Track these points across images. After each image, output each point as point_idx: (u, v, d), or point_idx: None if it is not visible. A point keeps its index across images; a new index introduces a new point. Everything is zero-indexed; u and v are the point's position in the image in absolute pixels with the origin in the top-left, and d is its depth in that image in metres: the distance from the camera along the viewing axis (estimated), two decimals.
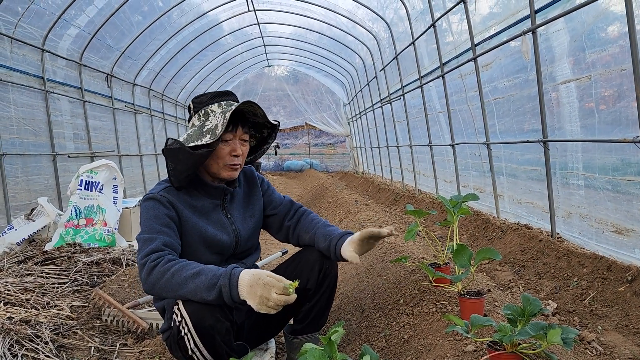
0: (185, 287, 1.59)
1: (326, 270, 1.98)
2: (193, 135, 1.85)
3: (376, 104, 10.82)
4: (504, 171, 4.98)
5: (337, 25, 10.49)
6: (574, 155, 3.71)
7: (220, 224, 1.93)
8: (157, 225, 1.74)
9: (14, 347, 2.32)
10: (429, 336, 1.92)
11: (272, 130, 2.08)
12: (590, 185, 3.53)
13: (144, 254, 1.67)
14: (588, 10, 3.27)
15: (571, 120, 3.69)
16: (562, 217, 3.90)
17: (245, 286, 1.57)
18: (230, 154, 1.89)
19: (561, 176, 3.88)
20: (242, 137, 1.92)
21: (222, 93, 1.92)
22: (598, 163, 3.42)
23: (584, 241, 3.61)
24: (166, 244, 1.71)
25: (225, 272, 1.60)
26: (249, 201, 2.10)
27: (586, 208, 3.60)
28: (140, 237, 1.74)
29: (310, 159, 19.66)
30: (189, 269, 1.62)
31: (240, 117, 1.91)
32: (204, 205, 1.91)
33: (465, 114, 5.69)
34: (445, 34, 6.27)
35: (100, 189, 4.75)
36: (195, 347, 1.63)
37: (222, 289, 1.57)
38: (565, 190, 3.84)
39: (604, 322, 2.56)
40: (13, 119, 5.54)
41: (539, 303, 1.40)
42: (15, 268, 3.71)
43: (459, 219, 2.18)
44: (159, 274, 1.61)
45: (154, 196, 1.82)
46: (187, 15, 9.15)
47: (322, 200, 8.04)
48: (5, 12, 5.40)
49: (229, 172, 1.91)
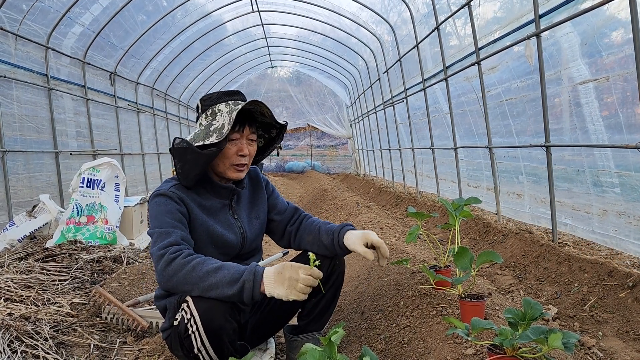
0: (206, 281, 1.58)
1: (334, 266, 1.98)
2: (200, 134, 1.84)
3: (379, 106, 10.83)
4: (522, 170, 4.90)
5: (341, 27, 10.51)
6: (602, 153, 3.66)
7: (227, 224, 1.93)
8: (170, 219, 1.73)
9: (14, 343, 2.32)
10: (429, 339, 1.92)
11: (280, 130, 2.08)
12: (626, 184, 3.46)
13: (161, 245, 1.65)
14: (596, 13, 3.27)
15: (593, 121, 3.66)
16: (596, 215, 3.83)
17: (272, 276, 1.57)
18: (237, 154, 1.88)
19: (591, 174, 3.82)
20: (250, 137, 1.92)
21: (229, 92, 1.91)
22: (632, 161, 3.35)
23: (620, 239, 3.53)
24: (184, 238, 1.70)
25: (250, 269, 1.60)
26: (254, 202, 2.10)
27: (623, 205, 3.52)
28: (154, 230, 1.72)
29: (312, 160, 19.69)
30: (210, 263, 1.61)
31: (247, 116, 1.90)
32: (213, 205, 1.91)
33: (476, 115, 5.67)
34: (449, 38, 6.28)
35: (102, 186, 4.75)
36: (202, 346, 1.62)
37: (246, 284, 1.56)
38: (598, 188, 3.78)
39: (604, 327, 2.55)
40: (16, 116, 5.56)
41: (540, 307, 1.39)
42: (16, 264, 3.72)
43: (461, 222, 2.18)
44: (179, 266, 1.60)
45: (165, 192, 1.80)
46: (191, 15, 9.17)
47: (324, 201, 8.04)
48: (10, 9, 5.42)
49: (235, 172, 1.91)
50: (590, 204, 3.85)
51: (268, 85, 18.34)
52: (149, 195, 7.64)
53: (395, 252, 3.26)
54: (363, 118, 13.64)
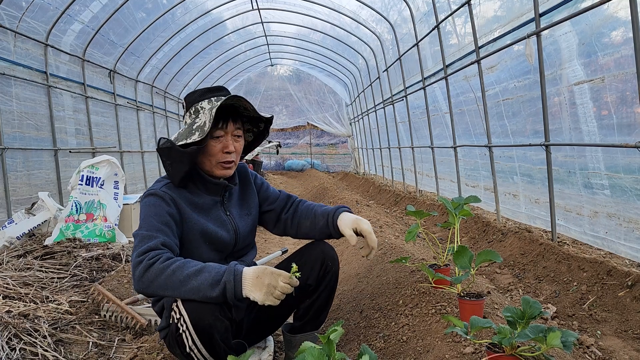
0: (187, 285, 1.57)
1: (327, 267, 1.98)
2: (183, 133, 1.83)
3: (378, 104, 10.82)
4: (517, 171, 4.92)
5: (341, 25, 10.49)
6: (593, 155, 3.67)
7: (220, 221, 1.92)
8: (156, 222, 1.72)
9: (12, 341, 2.32)
10: (427, 337, 1.92)
11: (268, 123, 2.06)
12: (616, 185, 3.47)
13: (140, 251, 1.64)
14: (596, 12, 3.26)
15: (587, 121, 3.66)
16: (587, 217, 3.84)
17: (250, 279, 1.57)
18: (223, 151, 1.86)
19: (582, 176, 3.83)
20: (235, 132, 1.89)
21: (213, 89, 1.89)
22: (622, 163, 3.36)
23: (611, 241, 3.55)
24: (164, 243, 1.68)
25: (229, 269, 1.59)
26: (244, 199, 2.09)
27: (613, 207, 3.53)
28: (138, 233, 1.71)
29: (311, 158, 19.68)
30: (190, 266, 1.60)
31: (231, 112, 1.88)
32: (204, 202, 1.90)
33: (474, 114, 5.67)
34: (449, 36, 6.27)
35: (101, 184, 4.75)
36: (194, 344, 1.63)
37: (227, 285, 1.56)
38: (589, 190, 3.78)
39: (603, 326, 2.55)
40: (15, 113, 5.55)
41: (539, 306, 1.39)
42: (14, 262, 3.71)
43: (460, 221, 2.18)
44: (157, 272, 1.58)
45: (156, 192, 1.79)
46: (190, 13, 9.15)
47: (323, 200, 8.04)
48: (9, 7, 5.40)
49: (222, 169, 1.89)
50: (582, 206, 3.86)
51: (268, 83, 18.33)
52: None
53: (395, 251, 3.26)
54: (363, 116, 13.63)
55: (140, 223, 1.75)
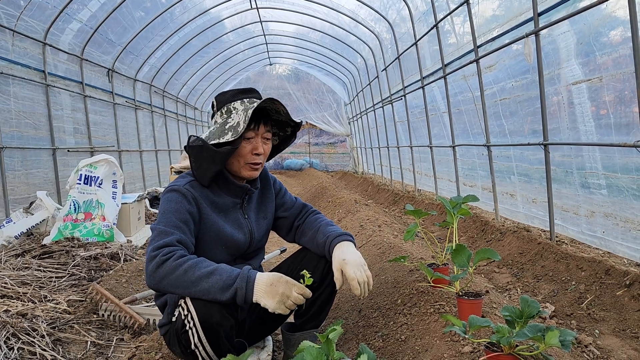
0: (198, 286, 1.57)
1: (331, 266, 1.98)
2: (215, 132, 1.84)
3: (377, 104, 10.82)
4: (515, 171, 4.92)
5: (340, 24, 10.48)
6: (590, 155, 3.66)
7: (237, 224, 1.92)
8: (175, 219, 1.71)
9: (10, 340, 2.32)
10: (426, 336, 1.92)
11: (295, 128, 2.06)
12: (613, 185, 3.46)
13: (156, 246, 1.63)
14: (594, 11, 3.26)
15: (584, 121, 3.66)
16: (584, 217, 3.84)
17: (263, 285, 1.58)
18: (252, 152, 1.87)
19: (579, 176, 3.83)
20: (265, 135, 1.90)
21: (245, 90, 1.90)
22: (619, 162, 3.36)
23: (608, 241, 3.54)
24: (180, 241, 1.68)
25: (242, 275, 1.60)
26: (263, 202, 2.09)
27: (610, 207, 3.52)
28: (156, 227, 1.70)
29: (310, 158, 19.65)
30: (202, 267, 1.60)
31: (262, 114, 1.89)
32: (225, 203, 1.90)
33: (471, 114, 5.68)
34: (447, 35, 6.27)
35: (99, 183, 4.74)
36: (199, 341, 1.63)
37: (238, 291, 1.56)
38: (586, 190, 3.78)
39: (601, 325, 2.56)
40: (13, 112, 5.53)
41: (537, 305, 1.40)
42: (12, 261, 3.71)
43: (458, 220, 2.18)
44: (170, 269, 1.58)
45: (179, 189, 1.78)
46: (189, 12, 9.13)
47: (322, 199, 8.04)
48: (7, 5, 5.39)
49: (249, 171, 1.90)
50: (579, 205, 3.86)
51: (266, 82, 18.30)
52: (146, 192, 7.55)
53: (393, 250, 3.26)
54: (361, 116, 13.63)
55: (160, 217, 1.74)
